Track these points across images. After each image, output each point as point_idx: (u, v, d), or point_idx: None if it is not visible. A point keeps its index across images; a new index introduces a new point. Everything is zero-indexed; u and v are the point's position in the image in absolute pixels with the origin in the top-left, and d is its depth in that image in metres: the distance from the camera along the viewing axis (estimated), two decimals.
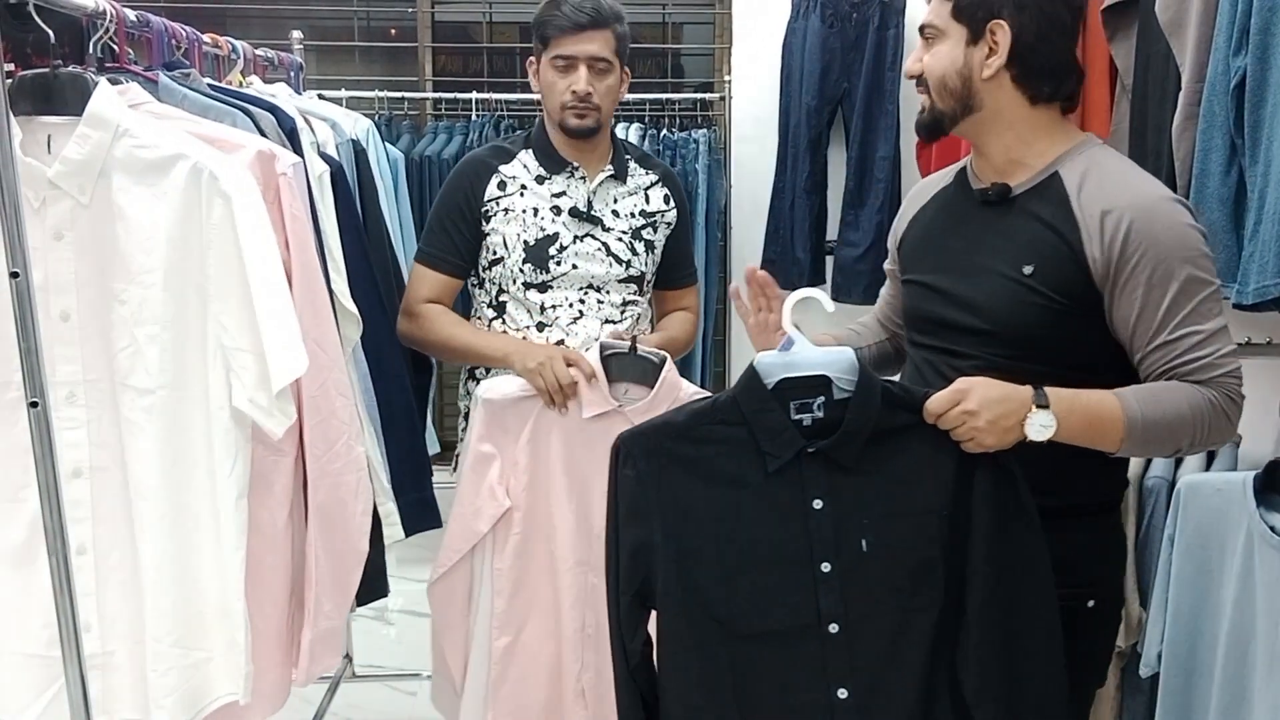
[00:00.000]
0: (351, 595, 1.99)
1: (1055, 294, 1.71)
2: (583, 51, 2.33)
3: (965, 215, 1.88)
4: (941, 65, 1.78)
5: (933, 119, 1.83)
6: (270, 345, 1.66)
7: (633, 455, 1.60)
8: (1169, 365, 1.68)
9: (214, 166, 1.65)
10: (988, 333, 1.76)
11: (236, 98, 2.03)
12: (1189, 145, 2.28)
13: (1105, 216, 1.68)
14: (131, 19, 1.90)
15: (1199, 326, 1.67)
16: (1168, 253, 1.66)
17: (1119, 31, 2.63)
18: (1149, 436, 1.67)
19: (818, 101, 4.39)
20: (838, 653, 1.58)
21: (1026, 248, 1.74)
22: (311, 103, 2.71)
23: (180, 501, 1.73)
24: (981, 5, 1.73)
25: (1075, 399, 1.64)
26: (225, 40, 2.41)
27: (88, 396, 1.71)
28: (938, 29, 1.79)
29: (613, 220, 2.44)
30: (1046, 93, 1.77)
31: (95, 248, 1.67)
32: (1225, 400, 1.68)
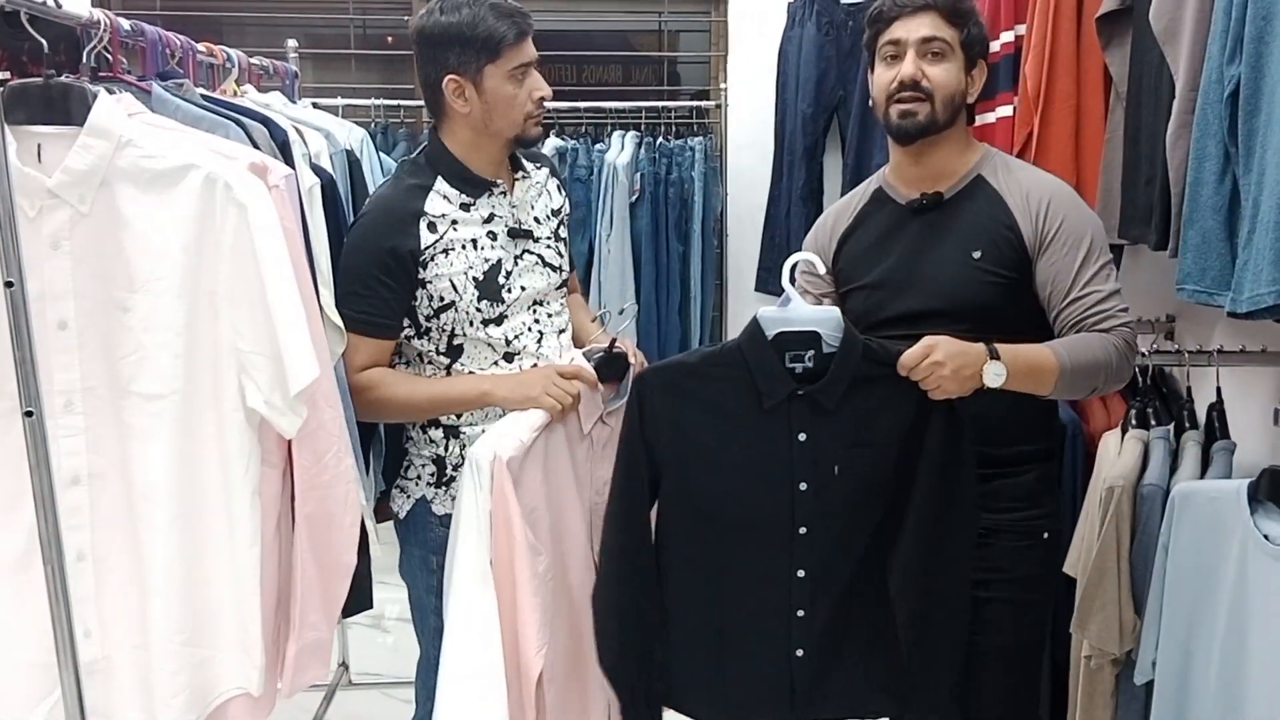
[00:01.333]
0: (339, 607, 1.98)
1: (1002, 270, 2.07)
2: (532, 55, 2.18)
3: (899, 225, 2.18)
4: (952, 83, 2.09)
5: (929, 122, 2.09)
6: (288, 349, 1.69)
7: (650, 385, 1.91)
8: (1080, 317, 2.05)
9: (228, 176, 1.68)
10: (946, 312, 2.07)
11: (230, 109, 2.03)
12: (1183, 153, 2.27)
13: (1029, 197, 2.08)
14: (125, 28, 1.89)
15: (1101, 286, 2.06)
16: (1077, 226, 2.07)
17: (1113, 39, 2.63)
18: (1075, 379, 2.00)
19: (814, 109, 4.41)
20: (801, 545, 1.93)
21: (971, 236, 2.09)
22: (306, 112, 2.71)
23: (192, 503, 1.75)
24: (979, 43, 2.12)
25: (1018, 352, 1.96)
26: (220, 49, 2.41)
27: (85, 404, 1.71)
28: (949, 46, 2.08)
29: (539, 228, 2.30)
30: (973, 118, 2.22)
31: (95, 256, 1.68)
32: (1125, 346, 2.06)
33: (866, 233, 2.23)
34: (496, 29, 2.10)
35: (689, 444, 1.91)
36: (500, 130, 2.18)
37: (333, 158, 2.46)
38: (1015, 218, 2.08)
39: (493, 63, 2.12)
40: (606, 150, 4.43)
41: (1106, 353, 2.03)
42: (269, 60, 2.87)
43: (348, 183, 2.55)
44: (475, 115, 2.15)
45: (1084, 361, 2.01)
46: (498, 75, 2.13)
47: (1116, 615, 2.45)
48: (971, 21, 2.09)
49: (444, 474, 2.24)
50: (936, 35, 2.07)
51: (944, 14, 2.07)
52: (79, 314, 1.68)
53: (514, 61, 2.14)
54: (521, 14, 2.16)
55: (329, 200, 2.27)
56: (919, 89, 2.08)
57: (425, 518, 2.26)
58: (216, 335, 1.71)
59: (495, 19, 2.11)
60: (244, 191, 1.68)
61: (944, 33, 2.07)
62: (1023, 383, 1.97)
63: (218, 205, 1.68)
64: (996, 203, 2.10)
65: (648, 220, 4.44)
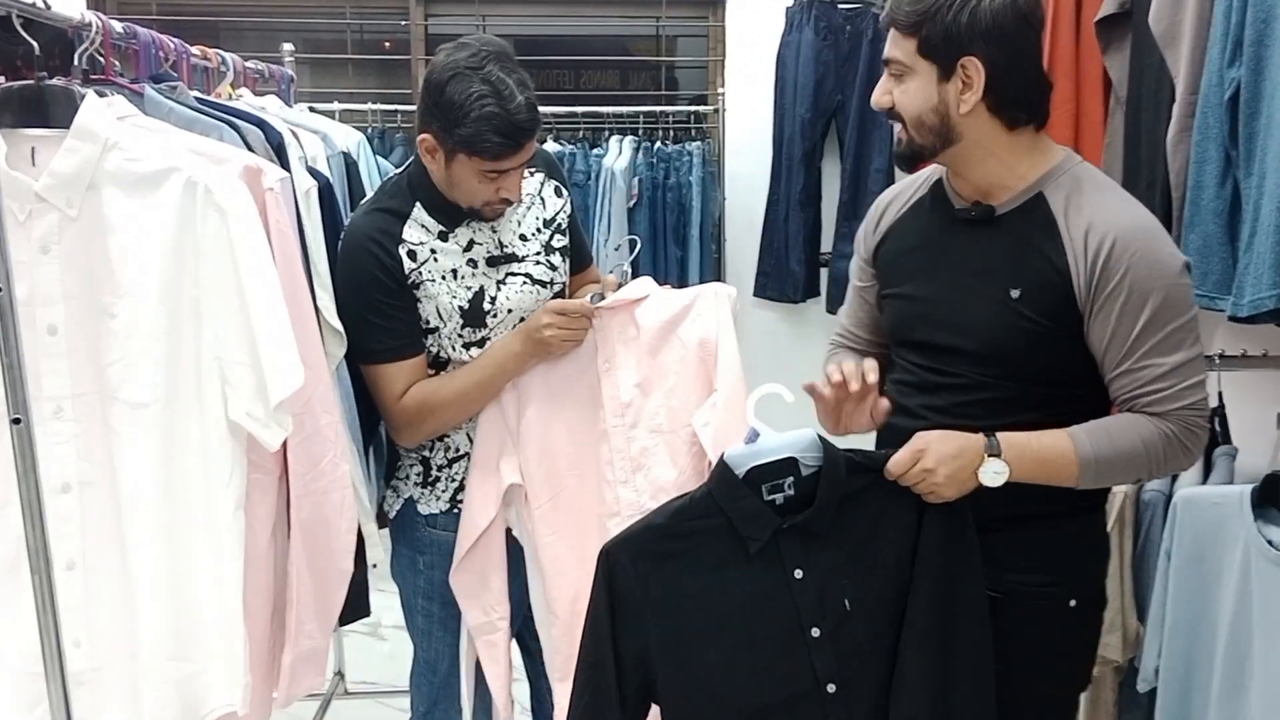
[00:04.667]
0: (335, 615, 1.96)
1: (1041, 317, 1.74)
2: (520, 162, 2.04)
3: (946, 231, 1.88)
4: (915, 103, 1.76)
5: (911, 151, 1.81)
6: (268, 358, 1.65)
7: (620, 563, 1.69)
8: (1130, 394, 1.73)
9: (208, 180, 1.64)
10: (974, 354, 1.80)
11: (224, 111, 2.01)
12: (1184, 157, 2.28)
13: (1089, 235, 1.71)
14: (118, 31, 1.88)
15: (1163, 359, 1.70)
16: (1143, 280, 1.69)
17: (1112, 43, 2.63)
18: (1103, 471, 1.73)
19: (812, 114, 4.40)
20: (838, 709, 1.68)
21: (1013, 271, 1.76)
22: (302, 115, 2.69)
23: (175, 515, 1.71)
24: (950, 42, 1.71)
25: (1027, 444, 1.72)
26: (215, 53, 2.39)
27: (75, 410, 1.69)
28: (905, 65, 1.76)
29: (524, 247, 2.21)
30: (1024, 118, 1.77)
31: (84, 261, 1.65)
32: (1183, 432, 1.72)
33: (912, 231, 1.94)
34: (481, 138, 1.96)
35: (678, 620, 1.68)
36: (455, 199, 2.11)
37: (330, 161, 2.45)
38: (1067, 260, 1.72)
39: (466, 157, 2.01)
40: (604, 155, 4.41)
41: (1149, 442, 1.72)
42: (264, 64, 2.86)
43: (345, 185, 2.53)
44: (439, 175, 2.09)
45: (1115, 454, 1.72)
46: (467, 168, 2.03)
47: (1120, 622, 2.44)
48: (929, 21, 1.72)
49: (429, 474, 2.23)
50: (891, 56, 1.78)
51: (899, 26, 1.76)
52: (69, 319, 1.66)
53: (490, 167, 2.01)
54: (526, 131, 1.99)
55: (326, 203, 2.25)
56: (892, 114, 1.81)
57: (413, 517, 2.25)
58: (199, 343, 1.68)
59: (489, 127, 1.95)
60: (224, 195, 1.64)
61: (899, 49, 1.76)
62: (1033, 478, 1.73)
63: (198, 209, 1.65)
64: (1050, 234, 1.74)
65: (645, 225, 4.43)
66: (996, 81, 1.72)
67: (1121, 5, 2.57)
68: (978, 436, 1.71)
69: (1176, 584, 2.26)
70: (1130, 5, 2.54)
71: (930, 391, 1.85)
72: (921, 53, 1.73)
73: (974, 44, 1.70)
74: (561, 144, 4.46)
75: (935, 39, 1.71)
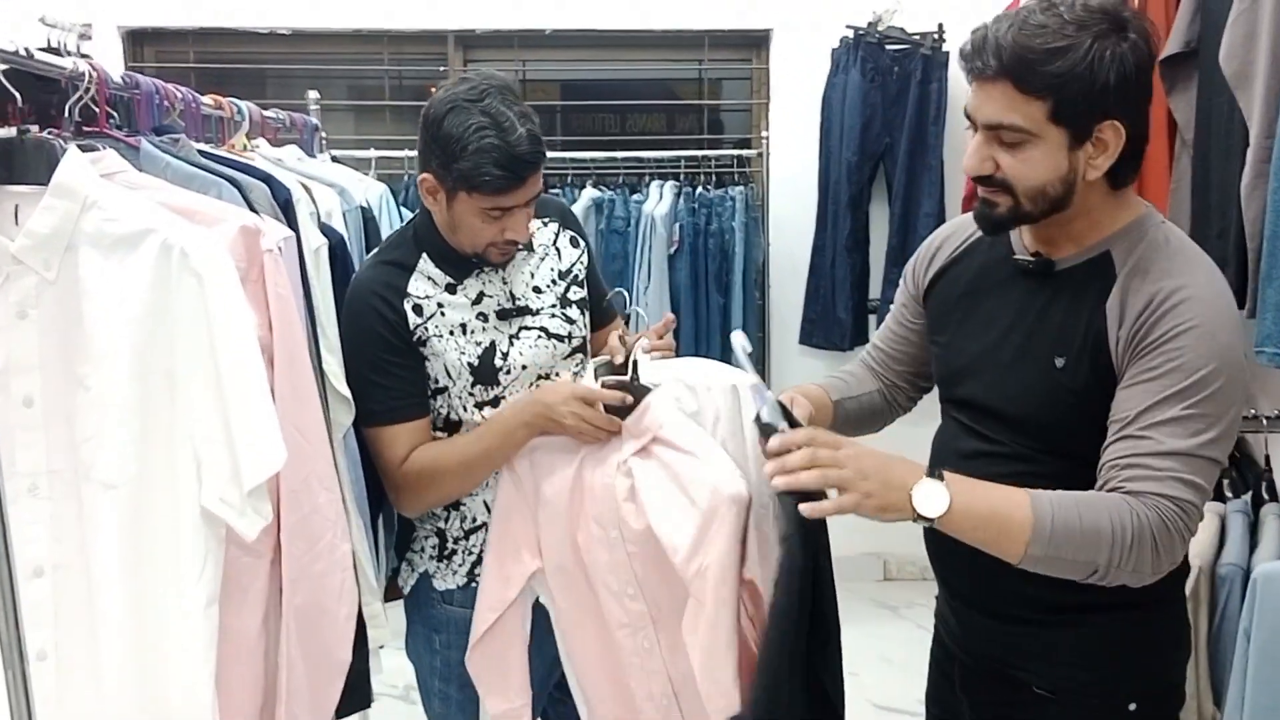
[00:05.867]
0: (331, 709, 1.81)
1: (1084, 389, 1.56)
2: (523, 199, 1.92)
3: (1002, 280, 1.70)
4: (1040, 174, 1.52)
5: (1013, 219, 1.59)
6: (242, 437, 1.51)
7: None
8: (1115, 461, 1.50)
9: (184, 242, 1.51)
10: (1015, 422, 1.64)
11: (229, 166, 1.91)
12: (1259, 205, 2.14)
13: (1141, 297, 1.51)
14: (116, 81, 1.78)
15: (1170, 440, 1.46)
16: (1188, 350, 1.47)
17: (1178, 83, 2.51)
18: (1058, 541, 1.47)
19: (859, 157, 4.28)
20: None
21: (1060, 337, 1.59)
22: (321, 167, 2.60)
23: (145, 607, 1.57)
24: (1091, 107, 1.47)
25: (976, 484, 1.51)
26: (229, 102, 2.30)
27: (51, 488, 1.56)
28: (1027, 133, 1.50)
29: (538, 300, 2.10)
30: (1131, 178, 1.59)
31: (61, 327, 1.53)
32: (1159, 525, 1.46)
33: (965, 273, 1.76)
34: (481, 171, 1.85)
35: None
36: (460, 244, 2.00)
37: (346, 215, 2.34)
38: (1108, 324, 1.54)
39: (466, 194, 1.90)
40: (644, 201, 4.31)
41: (1118, 523, 1.46)
42: (287, 113, 2.77)
43: (362, 240, 2.43)
44: (442, 218, 1.99)
45: (1076, 524, 1.47)
46: (469, 206, 1.92)
47: (1195, 708, 2.29)
48: (1065, 84, 1.46)
49: (445, 546, 2.10)
50: (1004, 122, 1.50)
51: (1018, 84, 1.48)
52: (45, 390, 1.54)
53: (490, 203, 1.90)
54: (527, 163, 1.87)
55: (339, 261, 2.15)
56: (992, 182, 1.56)
57: (428, 593, 2.12)
58: (172, 420, 1.55)
59: (489, 160, 1.85)
60: (201, 259, 1.52)
61: (1017, 113, 1.49)
62: (977, 523, 1.49)
63: (173, 274, 1.52)
64: (1101, 298, 1.55)
65: (687, 272, 4.31)
66: (1131, 144, 1.52)
67: (1187, 44, 2.44)
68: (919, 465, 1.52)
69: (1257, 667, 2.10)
70: (1197, 44, 2.41)
71: (968, 458, 1.68)
72: (1055, 119, 1.48)
73: (1116, 106, 1.48)
74: (601, 190, 4.37)
75: (1075, 103, 1.47)
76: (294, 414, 1.69)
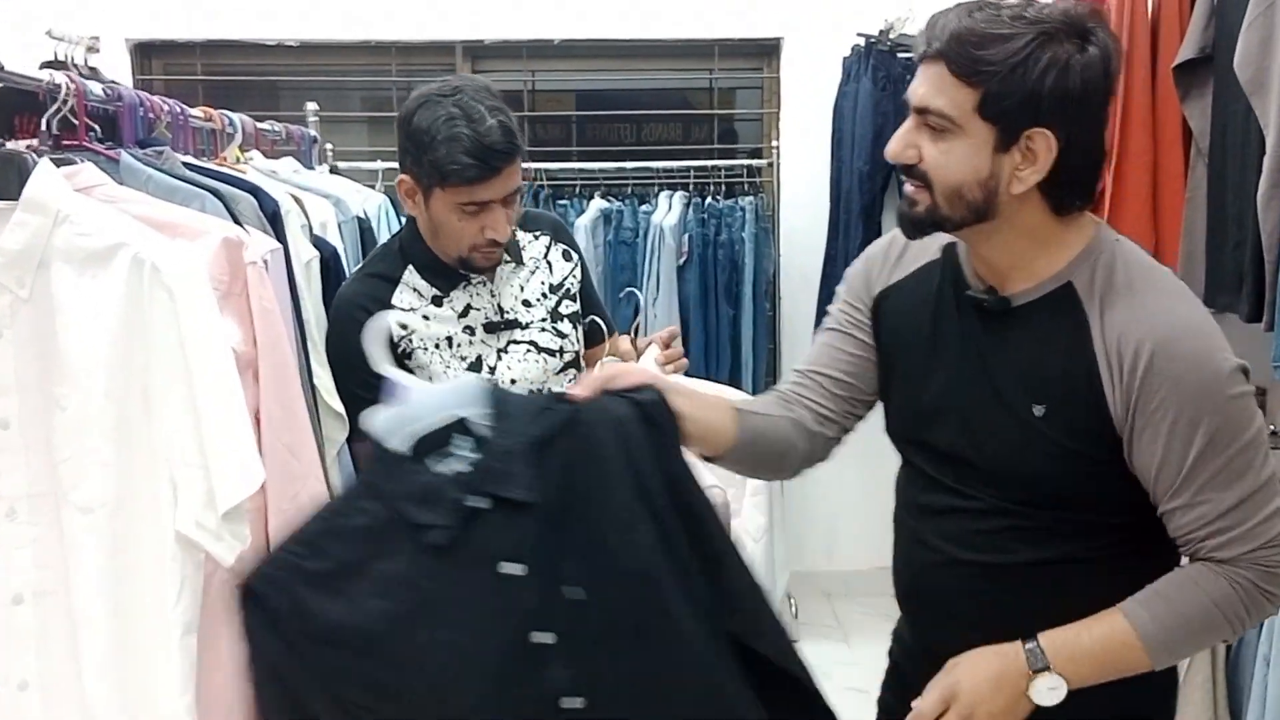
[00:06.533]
0: None
1: (1071, 440, 1.42)
2: (499, 194, 1.88)
3: (956, 315, 1.53)
4: (958, 171, 1.39)
5: (931, 221, 1.44)
6: (216, 458, 1.46)
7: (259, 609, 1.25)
8: (1189, 535, 1.41)
9: (156, 257, 1.47)
10: (991, 474, 1.48)
11: (215, 178, 1.87)
12: (1276, 215, 2.09)
13: (1122, 341, 1.38)
14: (96, 93, 1.74)
15: (1226, 491, 1.37)
16: (1193, 397, 1.36)
17: (1192, 90, 2.44)
18: (1176, 646, 1.43)
19: (870, 166, 4.21)
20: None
21: (1037, 382, 1.44)
22: (317, 178, 2.57)
23: (126, 635, 1.52)
24: (1021, 107, 1.35)
25: (1077, 642, 1.41)
26: (220, 114, 2.26)
27: (31, 513, 1.52)
28: (951, 121, 1.38)
29: (528, 313, 2.06)
30: (1077, 205, 1.44)
31: (36, 346, 1.50)
32: (1262, 577, 1.39)
33: (919, 303, 1.58)
34: (451, 160, 1.82)
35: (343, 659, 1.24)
36: (443, 249, 1.96)
37: (341, 227, 2.30)
38: (1099, 370, 1.40)
39: (440, 189, 1.87)
40: (653, 211, 4.26)
41: (1221, 600, 1.39)
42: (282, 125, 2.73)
43: (359, 252, 2.39)
44: (424, 221, 1.96)
45: (1183, 623, 1.41)
46: (445, 202, 1.88)
47: None
48: (1002, 75, 1.34)
49: None
50: (931, 105, 1.39)
51: (951, 67, 1.36)
52: (22, 411, 1.50)
53: (465, 197, 1.86)
54: (498, 152, 1.83)
55: (332, 273, 2.11)
56: (914, 174, 1.43)
57: None
58: (150, 441, 1.50)
59: (459, 148, 1.82)
60: (173, 274, 1.47)
61: (946, 98, 1.37)
62: (1097, 679, 1.42)
63: (145, 289, 1.47)
64: (1080, 337, 1.42)
65: (696, 284, 4.25)
66: (1064, 160, 1.38)
67: (1202, 50, 2.38)
68: (1015, 651, 1.42)
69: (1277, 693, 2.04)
70: (1212, 50, 2.35)
71: (941, 514, 1.54)
72: (982, 111, 1.36)
73: (1052, 114, 1.35)
74: (610, 200, 4.32)
75: (1006, 100, 1.35)
76: (282, 431, 1.65)
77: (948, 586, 1.54)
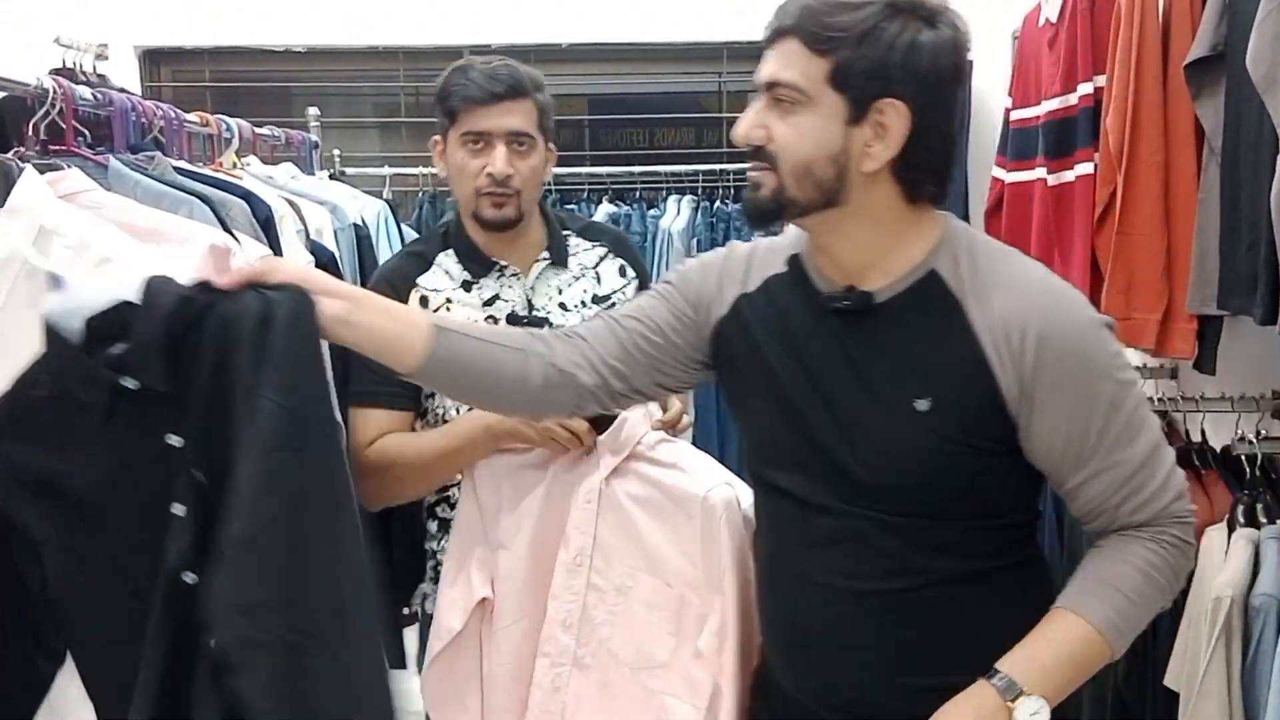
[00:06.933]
0: None
1: (961, 432, 1.38)
2: (499, 126, 1.93)
3: (816, 322, 1.47)
4: (807, 145, 1.36)
5: (777, 204, 1.39)
6: None
7: None
8: (1102, 507, 1.41)
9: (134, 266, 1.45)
10: (876, 486, 1.42)
11: (206, 183, 1.85)
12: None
13: (1008, 327, 1.36)
14: (85, 97, 1.72)
15: (1131, 448, 1.38)
16: (1087, 365, 1.37)
17: (1204, 88, 2.39)
18: (1128, 625, 1.41)
19: None
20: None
21: (918, 376, 1.39)
22: (315, 184, 2.55)
23: None
24: (873, 77, 1.33)
25: (1038, 656, 1.38)
26: (216, 119, 2.24)
27: None
28: (801, 92, 1.35)
29: (562, 316, 2.04)
30: (930, 190, 1.42)
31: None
32: (1183, 530, 1.42)
33: (770, 317, 1.51)
34: (461, 88, 1.93)
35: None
36: (463, 203, 2.02)
37: (338, 233, 2.28)
38: (986, 352, 1.36)
39: (453, 126, 1.97)
40: (661, 216, 4.23)
41: (1151, 566, 1.40)
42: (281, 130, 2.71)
43: (355, 258, 2.37)
44: (450, 179, 2.03)
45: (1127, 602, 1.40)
46: (454, 140, 1.97)
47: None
48: (853, 42, 1.32)
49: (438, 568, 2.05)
50: (781, 78, 1.36)
51: (803, 38, 1.34)
52: None
53: (467, 125, 1.94)
54: (499, 80, 1.92)
55: None
56: (761, 154, 1.39)
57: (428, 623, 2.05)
58: None
59: (464, 77, 1.94)
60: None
61: (796, 69, 1.34)
62: (1070, 684, 1.40)
63: None
64: (956, 323, 1.38)
65: None
66: (917, 139, 1.36)
67: (1214, 47, 2.33)
68: (982, 689, 1.37)
69: None
70: (1224, 47, 2.30)
71: (825, 546, 1.46)
72: (833, 81, 1.34)
73: (903, 85, 1.33)
74: (618, 205, 4.30)
75: (857, 67, 1.32)
76: None
77: (847, 624, 1.46)
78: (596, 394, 1.57)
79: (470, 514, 1.92)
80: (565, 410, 1.60)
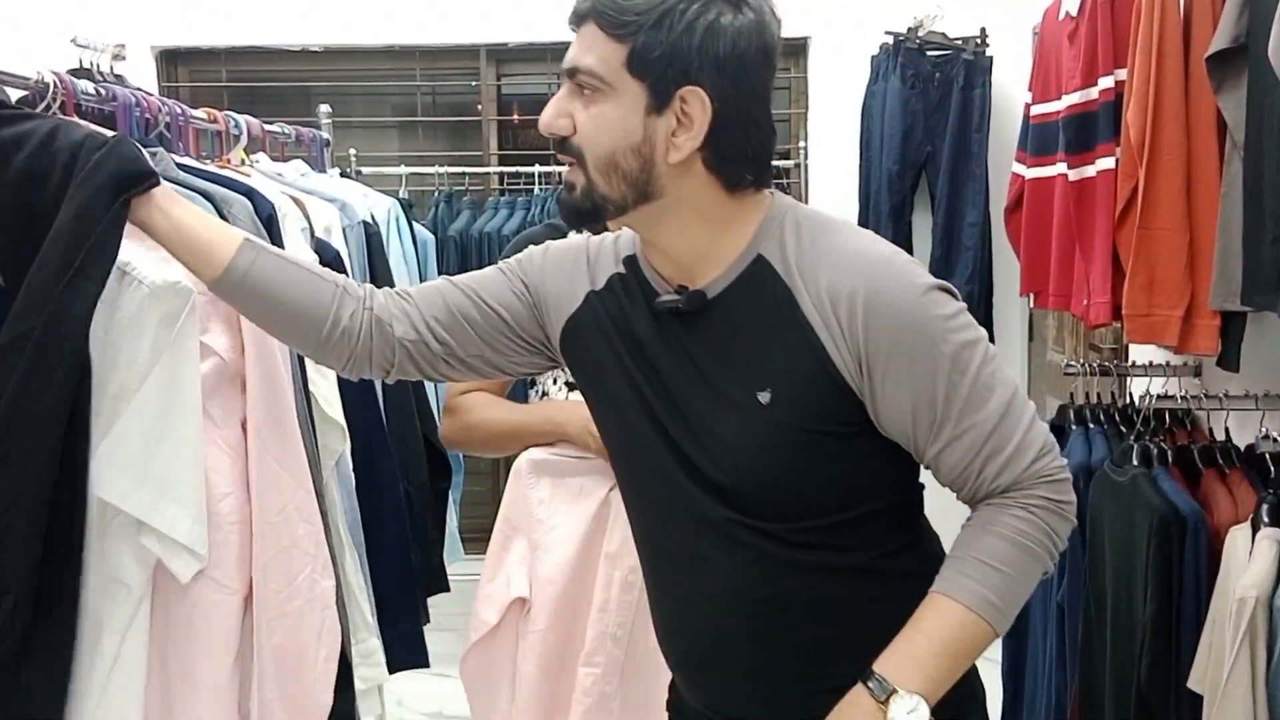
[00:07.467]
0: None
1: (808, 420, 1.33)
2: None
3: (657, 327, 1.41)
4: (609, 136, 1.31)
5: (591, 204, 1.34)
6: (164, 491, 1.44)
7: None
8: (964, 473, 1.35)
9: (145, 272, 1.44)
10: (735, 493, 1.36)
11: (208, 180, 1.83)
12: None
13: (834, 300, 1.31)
14: (88, 92, 1.71)
15: (984, 408, 1.31)
16: (920, 328, 1.30)
17: (1226, 81, 2.35)
18: (1009, 601, 1.34)
19: (900, 166, 4.14)
20: None
21: (757, 369, 1.34)
22: (325, 182, 2.53)
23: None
24: (672, 63, 1.28)
25: (911, 650, 1.33)
26: (224, 115, 2.23)
27: None
28: (600, 80, 1.30)
29: None
30: (749, 180, 1.35)
31: None
32: (1051, 489, 1.35)
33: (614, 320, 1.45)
34: None
35: None
36: None
37: (346, 231, 2.26)
38: (816, 330, 1.31)
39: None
40: None
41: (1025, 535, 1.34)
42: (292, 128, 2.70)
43: (364, 256, 2.36)
44: None
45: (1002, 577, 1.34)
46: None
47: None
48: (648, 27, 1.27)
49: None
50: (580, 65, 1.31)
51: (600, 23, 1.30)
52: None
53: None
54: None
55: None
56: (566, 147, 1.34)
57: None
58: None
59: None
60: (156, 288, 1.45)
61: (595, 55, 1.30)
62: (952, 672, 1.34)
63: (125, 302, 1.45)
64: (788, 307, 1.33)
65: None
66: (722, 128, 1.31)
67: (1236, 39, 2.28)
68: (857, 693, 1.33)
69: None
70: (1246, 39, 2.26)
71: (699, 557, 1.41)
72: (631, 68, 1.29)
73: (703, 71, 1.28)
74: None
75: (654, 52, 1.27)
76: (272, 444, 1.62)
77: (733, 636, 1.41)
78: (413, 351, 1.49)
79: (519, 504, 1.97)
80: (380, 362, 1.50)
